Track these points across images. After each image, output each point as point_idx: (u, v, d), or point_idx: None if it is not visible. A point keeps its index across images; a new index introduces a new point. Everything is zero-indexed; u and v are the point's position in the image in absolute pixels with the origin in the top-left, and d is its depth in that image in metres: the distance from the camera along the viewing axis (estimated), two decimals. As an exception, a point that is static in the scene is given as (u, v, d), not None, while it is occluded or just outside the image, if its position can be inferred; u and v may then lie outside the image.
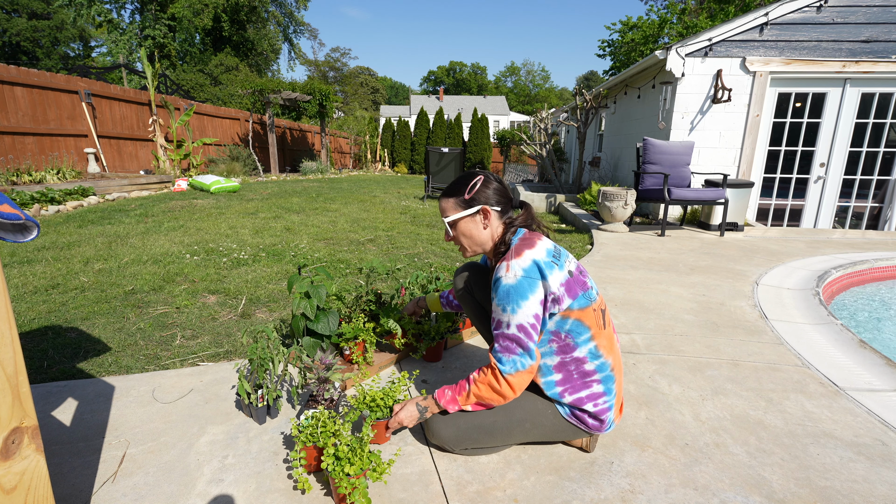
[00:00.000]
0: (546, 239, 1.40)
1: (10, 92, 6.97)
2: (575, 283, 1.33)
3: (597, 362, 1.36)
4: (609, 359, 1.38)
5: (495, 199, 1.43)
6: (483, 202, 1.42)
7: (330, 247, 4.43)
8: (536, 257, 1.30)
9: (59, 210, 5.54)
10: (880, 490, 1.35)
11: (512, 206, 1.48)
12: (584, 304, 1.33)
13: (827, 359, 2.22)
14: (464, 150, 8.12)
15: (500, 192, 1.45)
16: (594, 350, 1.35)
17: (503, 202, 1.45)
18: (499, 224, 1.44)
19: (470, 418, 1.41)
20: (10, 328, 0.79)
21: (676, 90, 6.27)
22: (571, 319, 1.32)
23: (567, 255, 1.41)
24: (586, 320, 1.33)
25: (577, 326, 1.33)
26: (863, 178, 6.53)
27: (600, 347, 1.36)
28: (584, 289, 1.34)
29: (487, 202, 1.43)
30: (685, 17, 18.83)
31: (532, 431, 1.44)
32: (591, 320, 1.34)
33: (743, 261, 4.16)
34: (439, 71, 73.15)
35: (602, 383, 1.38)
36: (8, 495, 0.82)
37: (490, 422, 1.41)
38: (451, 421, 1.42)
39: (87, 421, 1.62)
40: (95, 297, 2.87)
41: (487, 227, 1.44)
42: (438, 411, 1.43)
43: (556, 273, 1.30)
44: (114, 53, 23.10)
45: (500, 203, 1.44)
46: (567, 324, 1.33)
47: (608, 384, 1.38)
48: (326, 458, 1.23)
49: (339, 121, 22.47)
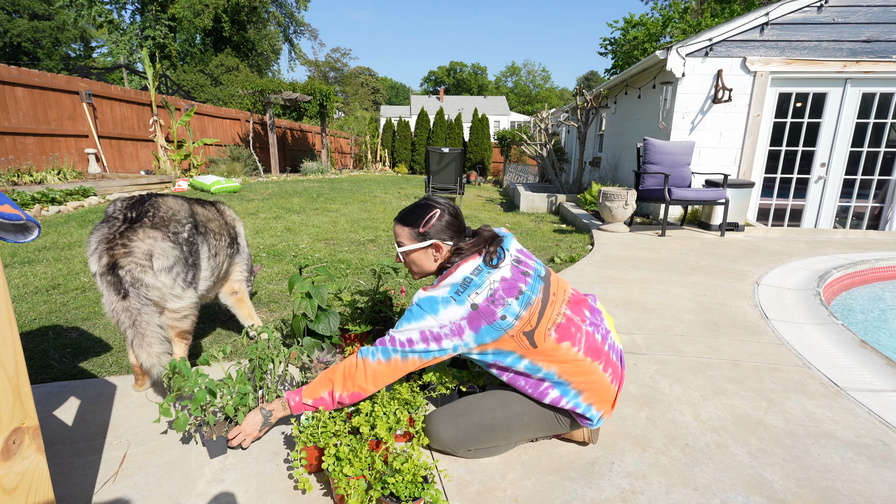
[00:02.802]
0: (461, 269, 1.37)
1: (10, 92, 6.98)
2: (480, 316, 1.30)
3: (540, 374, 1.38)
4: (552, 368, 1.37)
5: (448, 233, 1.47)
6: (436, 237, 1.46)
7: (330, 247, 4.43)
8: (435, 294, 1.35)
9: (59, 210, 5.55)
10: (881, 490, 1.35)
11: (464, 235, 1.51)
12: (495, 335, 1.32)
13: (828, 359, 2.22)
14: (464, 151, 8.12)
15: (452, 227, 1.48)
16: (530, 365, 1.37)
17: (455, 235, 1.48)
18: (447, 252, 1.48)
19: (468, 417, 1.42)
20: (10, 328, 0.79)
21: (677, 90, 6.27)
22: (489, 350, 1.36)
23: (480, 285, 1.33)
24: (504, 347, 1.34)
25: (498, 353, 1.36)
26: (863, 178, 6.52)
27: (536, 362, 1.36)
28: (490, 321, 1.31)
29: (440, 236, 1.46)
30: (687, 16, 18.82)
31: (531, 425, 1.45)
32: (510, 345, 1.34)
33: (743, 261, 4.16)
34: (440, 71, 73.18)
35: (556, 387, 1.40)
36: (9, 495, 0.82)
37: (489, 418, 1.42)
38: (451, 422, 1.42)
39: (88, 421, 1.62)
40: (96, 298, 2.87)
41: (437, 260, 1.49)
42: (285, 413, 1.46)
43: (451, 308, 1.31)
44: (114, 54, 23.12)
45: (453, 237, 1.48)
46: (488, 355, 1.37)
47: (562, 388, 1.39)
48: (327, 459, 1.23)
49: (340, 121, 22.48)
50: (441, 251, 1.47)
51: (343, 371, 1.39)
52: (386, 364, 1.36)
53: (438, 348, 1.33)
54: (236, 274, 2.21)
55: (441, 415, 1.46)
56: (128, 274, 1.56)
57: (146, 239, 1.62)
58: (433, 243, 1.46)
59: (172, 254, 1.66)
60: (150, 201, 1.74)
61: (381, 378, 1.37)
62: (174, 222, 1.73)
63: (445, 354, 1.35)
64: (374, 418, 1.37)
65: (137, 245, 1.60)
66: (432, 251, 1.47)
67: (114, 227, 1.62)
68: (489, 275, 1.36)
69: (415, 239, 1.48)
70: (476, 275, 1.36)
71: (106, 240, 1.59)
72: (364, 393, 1.38)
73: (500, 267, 1.38)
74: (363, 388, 1.37)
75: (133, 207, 1.70)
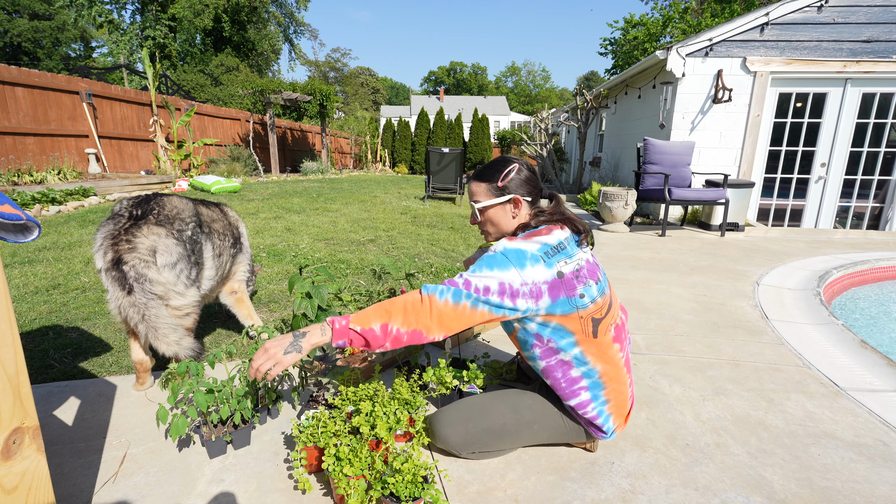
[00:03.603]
0: (556, 233, 1.35)
1: (11, 92, 6.98)
2: (562, 286, 1.27)
3: (583, 368, 1.35)
4: (598, 366, 1.35)
5: (526, 189, 1.43)
6: (515, 191, 1.42)
7: (330, 247, 4.43)
8: (525, 248, 1.28)
9: (60, 210, 5.55)
10: (881, 490, 1.35)
11: (541, 195, 1.49)
12: (568, 310, 1.28)
13: (828, 359, 2.22)
14: (464, 151, 8.12)
15: (531, 183, 1.44)
16: (580, 356, 1.34)
17: (534, 193, 1.45)
18: (526, 214, 1.43)
19: (478, 421, 1.40)
20: (11, 328, 0.79)
21: (677, 90, 6.27)
22: (553, 324, 1.31)
23: (569, 256, 1.33)
24: (569, 326, 1.31)
25: (558, 331, 1.32)
26: (864, 179, 6.52)
27: (587, 354, 1.34)
28: (569, 294, 1.28)
29: (519, 191, 1.42)
30: (687, 16, 18.81)
31: (539, 433, 1.44)
32: (574, 326, 1.31)
33: (743, 261, 4.15)
34: (440, 71, 73.18)
35: (589, 390, 1.37)
36: (9, 495, 0.82)
37: (500, 424, 1.40)
38: (461, 425, 1.40)
39: (88, 421, 1.62)
40: (96, 298, 2.87)
41: (516, 217, 1.43)
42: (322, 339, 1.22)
43: (539, 269, 1.26)
44: (114, 54, 23.12)
45: (531, 194, 1.44)
46: (548, 328, 1.32)
47: (595, 391, 1.37)
48: (327, 459, 1.23)
49: (340, 121, 22.48)
50: (520, 207, 1.42)
51: (404, 304, 1.23)
52: (454, 307, 1.22)
53: (512, 306, 1.24)
54: (238, 274, 2.22)
55: (449, 416, 1.43)
56: (132, 269, 1.57)
57: (150, 235, 1.63)
58: (512, 198, 1.40)
59: (176, 251, 1.68)
60: (156, 200, 1.76)
61: (447, 321, 1.22)
62: (178, 220, 1.74)
63: (515, 314, 1.26)
64: (374, 418, 1.37)
65: (141, 241, 1.61)
66: (511, 207, 1.42)
67: (119, 224, 1.64)
68: (579, 251, 1.36)
69: (493, 194, 1.42)
70: (568, 244, 1.34)
71: (111, 236, 1.61)
72: (426, 333, 1.22)
73: (584, 249, 1.39)
74: (427, 327, 1.21)
75: (139, 205, 1.72)
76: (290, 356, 1.20)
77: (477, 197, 1.45)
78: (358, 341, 1.21)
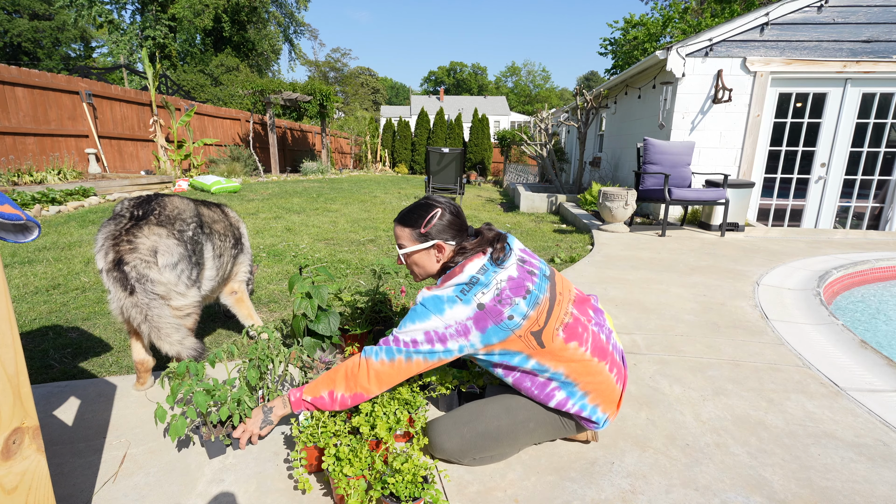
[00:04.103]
0: (468, 268, 1.35)
1: (11, 92, 6.98)
2: (487, 316, 1.28)
3: (547, 374, 1.37)
4: (559, 369, 1.36)
5: (450, 233, 1.45)
6: (437, 237, 1.44)
7: (330, 247, 4.43)
8: (440, 293, 1.33)
9: (60, 210, 5.55)
10: (881, 490, 1.35)
11: (466, 234, 1.49)
12: (502, 335, 1.29)
13: (828, 359, 2.22)
14: (464, 151, 8.12)
15: (454, 226, 1.46)
16: (537, 366, 1.35)
17: (457, 235, 1.46)
18: (450, 252, 1.45)
19: (472, 425, 1.40)
20: (11, 328, 0.79)
21: (677, 90, 6.27)
22: (496, 351, 1.33)
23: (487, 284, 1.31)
24: (512, 347, 1.32)
25: (504, 354, 1.34)
26: (864, 179, 6.52)
27: (543, 363, 1.35)
28: (496, 321, 1.29)
29: (442, 236, 1.44)
30: (687, 16, 18.82)
31: (536, 431, 1.44)
32: (517, 346, 1.32)
33: (743, 261, 4.16)
34: (440, 71, 73.16)
35: (562, 389, 1.39)
36: (9, 495, 0.82)
37: (495, 426, 1.40)
38: (455, 431, 1.40)
39: (88, 421, 1.62)
40: (96, 298, 2.87)
41: (440, 260, 1.46)
42: (285, 411, 1.43)
43: (458, 308, 1.29)
44: (114, 54, 23.11)
45: (455, 237, 1.46)
46: (494, 356, 1.35)
47: (568, 389, 1.38)
48: (327, 459, 1.23)
49: (340, 121, 22.49)
50: (444, 251, 1.44)
51: (345, 371, 1.36)
52: (389, 364, 1.32)
53: (444, 349, 1.30)
54: (239, 275, 2.22)
55: (444, 424, 1.43)
56: (133, 270, 1.57)
57: (151, 236, 1.63)
58: (435, 244, 1.43)
59: (177, 251, 1.68)
60: (157, 200, 1.76)
61: (385, 379, 1.33)
62: (179, 221, 1.74)
63: (451, 356, 1.32)
64: (374, 418, 1.37)
65: (142, 241, 1.61)
66: (434, 252, 1.45)
67: (120, 225, 1.65)
68: (496, 274, 1.34)
69: (416, 240, 1.45)
70: (482, 274, 1.33)
71: (112, 236, 1.62)
72: (367, 394, 1.34)
73: (506, 266, 1.36)
74: (366, 389, 1.33)
75: (140, 206, 1.72)
76: (266, 429, 1.46)
77: (401, 241, 1.49)
78: (312, 408, 1.39)
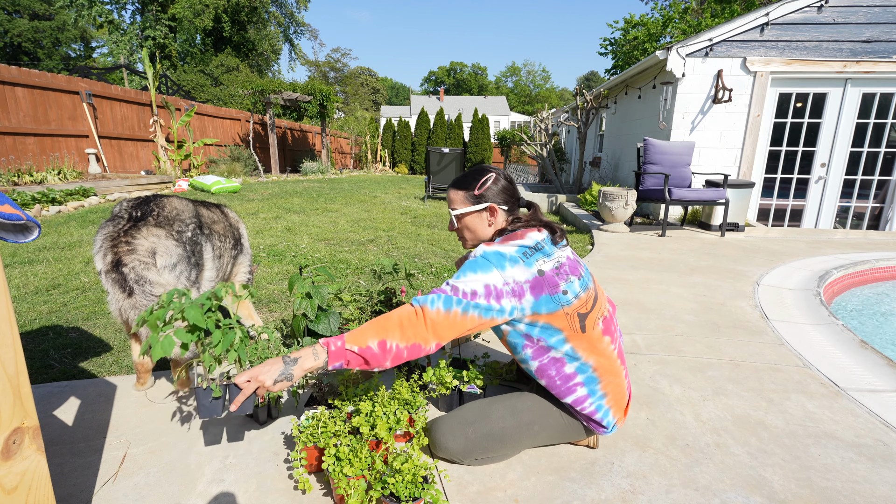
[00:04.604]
0: (531, 235, 1.37)
1: (11, 92, 6.98)
2: (544, 284, 1.29)
3: (576, 364, 1.36)
4: (590, 360, 1.37)
5: (503, 198, 1.45)
6: (491, 200, 1.44)
7: (330, 247, 4.43)
8: (503, 250, 1.31)
9: (60, 210, 5.55)
10: (881, 490, 1.35)
11: (518, 205, 1.50)
12: (552, 307, 1.30)
13: (828, 359, 2.22)
14: (464, 151, 8.13)
15: (508, 192, 1.46)
16: (571, 352, 1.35)
17: (510, 202, 1.47)
18: (503, 222, 1.46)
19: (477, 426, 1.39)
20: (11, 328, 0.79)
21: (677, 90, 6.27)
22: (540, 323, 1.32)
23: (547, 255, 1.35)
24: (556, 323, 1.32)
25: (546, 329, 1.33)
26: (864, 179, 6.52)
27: (578, 349, 1.35)
28: (552, 291, 1.29)
29: (496, 199, 1.44)
30: (687, 16, 18.82)
31: (540, 434, 1.44)
32: (562, 323, 1.32)
33: (743, 261, 4.15)
34: (440, 71, 73.17)
35: (585, 385, 1.38)
36: (9, 495, 0.82)
37: (500, 428, 1.39)
38: (459, 432, 1.39)
39: (88, 421, 1.62)
40: (96, 298, 2.87)
41: (492, 225, 1.46)
42: (316, 363, 1.17)
43: (519, 268, 1.28)
44: (115, 54, 23.13)
45: (508, 203, 1.46)
46: (536, 327, 1.33)
47: (591, 386, 1.38)
48: (327, 459, 1.23)
49: (340, 121, 22.49)
50: (496, 216, 1.44)
51: (399, 319, 1.21)
52: (445, 315, 1.22)
53: (499, 307, 1.26)
54: (239, 275, 2.22)
55: (448, 424, 1.42)
56: (132, 271, 1.57)
57: (150, 237, 1.63)
58: (488, 206, 1.43)
59: (176, 252, 1.67)
60: (156, 201, 1.76)
61: (441, 330, 1.22)
62: (178, 221, 1.73)
63: (502, 316, 1.28)
64: (374, 418, 1.37)
65: (141, 242, 1.61)
66: (487, 215, 1.45)
67: (118, 226, 1.64)
68: (557, 250, 1.38)
69: (469, 202, 1.45)
70: (546, 245, 1.37)
71: (110, 238, 1.61)
72: (424, 346, 1.21)
73: (563, 248, 1.41)
74: (425, 340, 1.21)
75: (138, 207, 1.72)
76: (280, 384, 1.17)
77: (454, 204, 1.49)
78: (356, 361, 1.18)
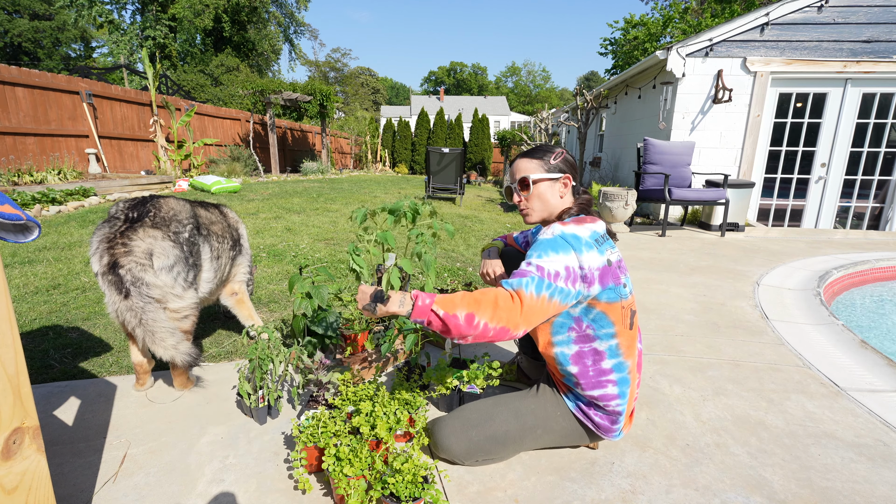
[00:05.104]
0: (598, 223, 1.39)
1: (11, 92, 6.98)
2: (609, 273, 1.29)
3: (615, 360, 1.34)
4: (628, 360, 1.36)
5: (573, 173, 1.47)
6: (568, 171, 1.45)
7: (331, 247, 4.43)
8: (579, 233, 1.30)
9: (60, 210, 5.55)
10: (881, 490, 1.35)
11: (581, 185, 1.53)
12: (613, 297, 1.30)
13: (828, 359, 2.21)
14: (464, 151, 8.12)
15: (575, 169, 1.48)
16: (614, 347, 1.34)
17: (577, 181, 1.49)
18: (570, 201, 1.45)
19: (481, 429, 1.39)
20: (11, 328, 0.79)
21: (677, 90, 6.27)
22: (596, 310, 1.30)
23: (612, 246, 1.38)
24: (611, 315, 1.31)
25: (600, 319, 1.31)
26: (864, 179, 6.52)
27: (621, 346, 1.34)
28: (616, 282, 1.30)
29: (570, 173, 1.46)
30: (687, 16, 18.82)
31: (543, 438, 1.43)
32: (616, 315, 1.31)
33: (744, 261, 4.15)
34: (440, 71, 73.16)
35: (617, 385, 1.36)
36: (9, 495, 0.82)
37: (503, 431, 1.39)
38: (463, 434, 1.39)
39: (88, 421, 1.62)
40: (97, 298, 2.87)
41: (563, 197, 1.44)
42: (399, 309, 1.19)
43: (593, 254, 1.27)
44: (115, 54, 23.11)
45: (575, 179, 1.47)
46: (591, 314, 1.31)
47: (623, 387, 1.36)
48: (328, 459, 1.23)
49: (340, 121, 22.49)
50: (567, 188, 1.44)
51: (496, 298, 1.16)
52: (537, 300, 1.17)
53: (575, 292, 1.23)
54: (238, 276, 2.22)
55: (450, 425, 1.41)
56: (128, 273, 1.56)
57: (146, 238, 1.62)
58: (564, 175, 1.43)
59: (173, 253, 1.66)
60: (152, 202, 1.75)
61: (532, 316, 1.17)
62: (175, 222, 1.73)
63: (572, 301, 1.25)
64: (375, 418, 1.37)
65: (137, 244, 1.60)
66: (560, 187, 1.43)
67: (115, 227, 1.63)
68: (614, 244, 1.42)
69: (545, 169, 1.43)
70: (611, 237, 1.40)
71: (107, 239, 1.60)
72: (513, 331, 1.16)
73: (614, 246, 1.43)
74: (515, 325, 1.16)
75: (135, 208, 1.71)
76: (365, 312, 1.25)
77: (528, 172, 1.44)
78: (437, 325, 1.15)
